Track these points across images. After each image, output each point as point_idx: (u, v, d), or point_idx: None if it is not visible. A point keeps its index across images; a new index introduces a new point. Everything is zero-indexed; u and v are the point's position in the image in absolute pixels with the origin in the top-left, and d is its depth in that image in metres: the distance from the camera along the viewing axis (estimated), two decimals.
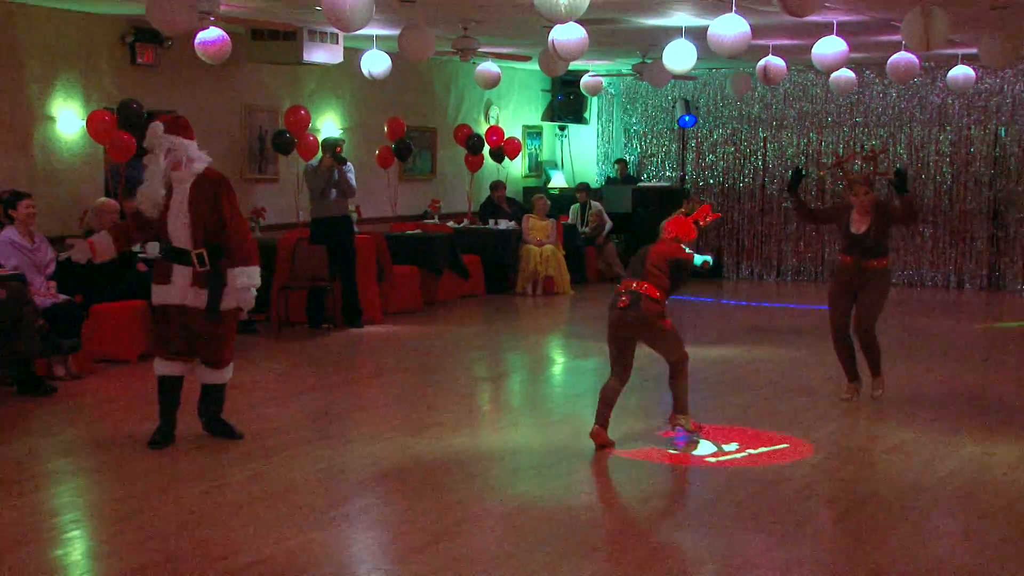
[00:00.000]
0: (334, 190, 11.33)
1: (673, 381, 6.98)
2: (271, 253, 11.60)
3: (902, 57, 11.19)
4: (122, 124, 10.24)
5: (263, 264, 11.37)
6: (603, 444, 6.72)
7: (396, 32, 10.35)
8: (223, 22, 9.79)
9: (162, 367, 6.70)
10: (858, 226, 7.99)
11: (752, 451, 6.78)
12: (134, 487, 5.88)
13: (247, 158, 12.34)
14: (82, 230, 9.57)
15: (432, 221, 14.41)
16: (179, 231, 6.55)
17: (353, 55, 11.76)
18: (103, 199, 9.88)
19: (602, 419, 6.74)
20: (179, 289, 6.54)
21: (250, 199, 12.33)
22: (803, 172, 8.41)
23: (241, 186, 12.26)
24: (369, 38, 11.34)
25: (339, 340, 10.87)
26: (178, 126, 6.65)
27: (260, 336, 10.90)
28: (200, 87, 11.68)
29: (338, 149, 11.38)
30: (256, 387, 8.64)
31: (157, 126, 6.60)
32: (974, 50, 11.69)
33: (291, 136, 12.30)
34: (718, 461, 6.55)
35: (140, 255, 9.88)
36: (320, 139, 12.66)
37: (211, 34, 9.49)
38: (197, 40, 9.54)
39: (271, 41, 11.20)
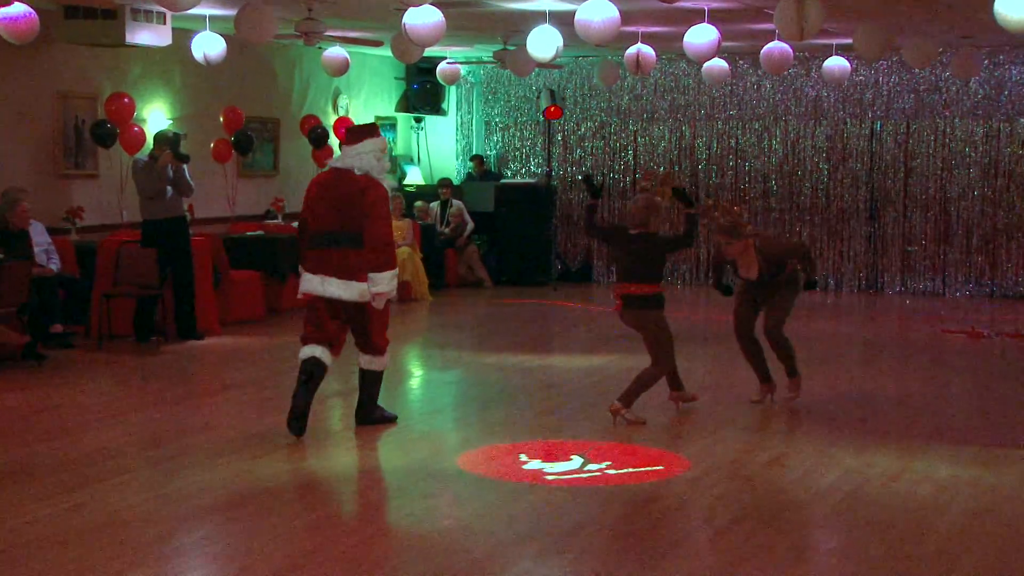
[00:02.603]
0: (170, 189, 11.09)
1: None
2: (91, 258, 11.29)
3: (776, 47, 11.53)
4: None
5: (82, 271, 11.20)
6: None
7: (232, 12, 10.17)
8: None
9: None
10: (746, 271, 8.43)
11: (625, 469, 6.89)
12: None
13: (61, 151, 11.95)
14: None
15: (275, 221, 14.22)
16: None
17: (183, 37, 11.51)
18: None
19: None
20: None
21: (65, 197, 11.95)
22: (730, 286, 8.78)
23: (54, 183, 11.89)
24: (201, 18, 11.12)
25: (171, 354, 10.63)
26: None
27: (78, 351, 10.57)
28: (4, 70, 11.27)
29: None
30: (75, 408, 8.39)
31: None
32: (849, 40, 12.14)
33: (113, 126, 11.98)
34: (589, 479, 6.64)
35: None
36: (146, 130, 12.38)
37: (15, 10, 9.12)
38: None
39: (88, 20, 10.86)
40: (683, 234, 8.02)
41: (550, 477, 6.68)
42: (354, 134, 7.61)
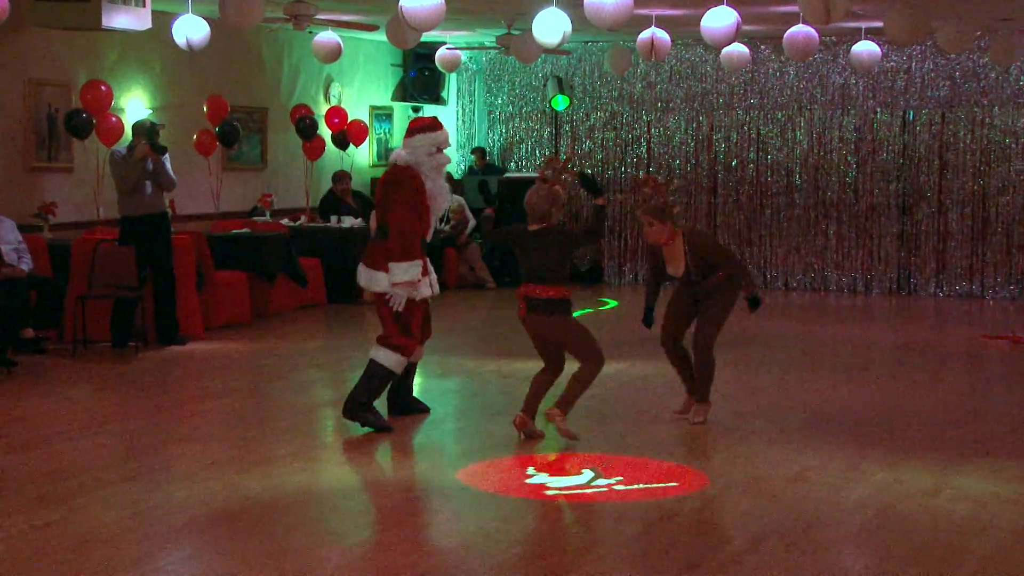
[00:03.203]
0: (149, 183, 11.09)
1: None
2: (65, 257, 11.30)
3: (800, 31, 11.54)
4: None
5: (56, 272, 11.20)
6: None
7: None
8: None
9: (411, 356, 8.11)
10: (675, 267, 8.08)
11: (636, 484, 6.88)
12: None
13: (33, 143, 11.97)
14: None
15: (263, 219, 14.24)
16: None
17: (164, 20, 11.53)
18: None
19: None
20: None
21: (37, 192, 11.97)
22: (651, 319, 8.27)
23: (25, 177, 11.92)
24: (183, 0, 11.13)
25: (151, 360, 10.64)
26: None
27: (52, 357, 10.59)
28: None
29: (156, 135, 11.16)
30: (48, 419, 8.40)
31: None
32: (879, 23, 12.13)
33: (89, 116, 11.99)
34: (599, 495, 6.63)
35: None
36: (124, 120, 12.39)
37: None
38: None
39: (61, 2, 10.86)
40: (591, 227, 7.87)
41: (551, 492, 6.67)
42: (410, 129, 8.18)
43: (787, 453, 7.57)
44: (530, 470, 7.11)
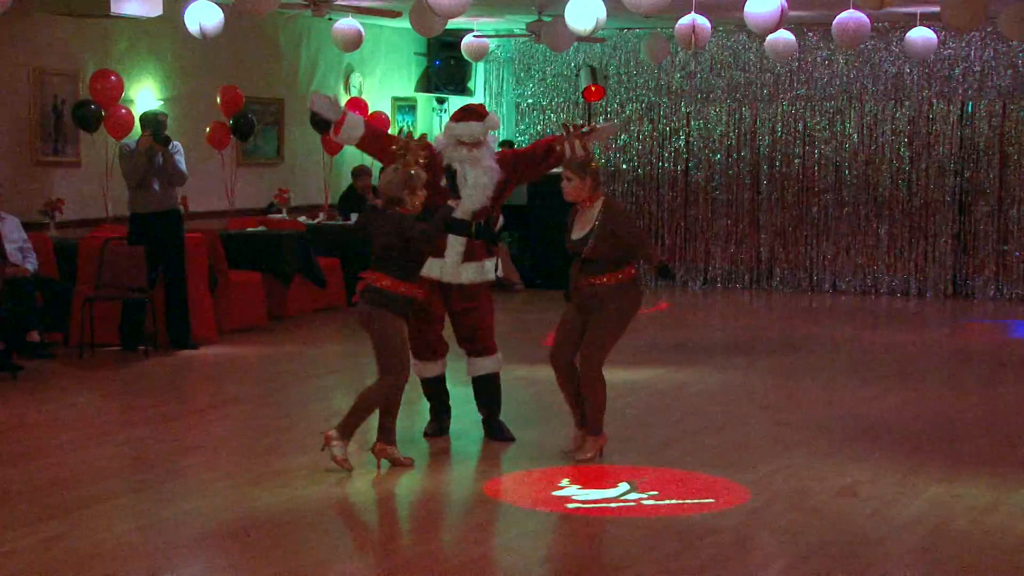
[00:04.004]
0: (157, 178, 11.16)
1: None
2: (72, 256, 11.38)
3: (850, 16, 11.49)
4: None
5: (62, 272, 11.28)
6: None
7: None
8: None
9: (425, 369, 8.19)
10: (581, 228, 7.56)
11: (670, 499, 6.88)
12: None
13: (39, 136, 12.05)
14: None
15: (279, 216, 14.29)
16: None
17: (176, 7, 11.61)
18: None
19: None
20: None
21: (43, 188, 12.06)
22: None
23: (31, 172, 12.01)
24: None
25: (162, 365, 10.70)
26: None
27: (58, 362, 10.66)
28: None
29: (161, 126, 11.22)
30: (54, 426, 8.46)
31: None
32: (935, 8, 12.08)
33: (97, 108, 12.07)
34: (631, 510, 6.63)
35: None
36: (134, 111, 12.47)
37: None
38: None
39: None
40: (428, 224, 7.25)
41: (573, 506, 6.67)
42: None
43: (834, 466, 7.55)
44: (563, 482, 7.11)
